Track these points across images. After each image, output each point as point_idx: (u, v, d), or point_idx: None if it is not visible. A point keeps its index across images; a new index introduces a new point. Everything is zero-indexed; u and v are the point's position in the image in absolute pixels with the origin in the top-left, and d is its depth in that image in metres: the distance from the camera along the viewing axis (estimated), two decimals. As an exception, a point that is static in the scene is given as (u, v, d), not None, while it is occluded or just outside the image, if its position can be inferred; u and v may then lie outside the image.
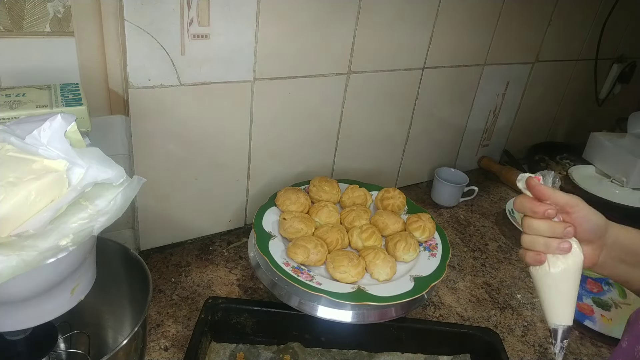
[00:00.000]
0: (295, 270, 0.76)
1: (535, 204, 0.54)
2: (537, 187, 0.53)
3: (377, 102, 1.07)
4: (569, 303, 0.53)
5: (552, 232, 0.53)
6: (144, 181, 0.51)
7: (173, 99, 0.80)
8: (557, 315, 0.53)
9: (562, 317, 0.53)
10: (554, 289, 0.53)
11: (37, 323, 0.50)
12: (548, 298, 0.54)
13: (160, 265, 0.91)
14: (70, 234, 0.44)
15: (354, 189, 0.97)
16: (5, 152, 0.47)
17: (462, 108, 1.27)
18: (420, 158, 1.27)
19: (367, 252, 0.80)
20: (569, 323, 0.53)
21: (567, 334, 0.53)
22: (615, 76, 1.57)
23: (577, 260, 0.53)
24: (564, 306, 0.53)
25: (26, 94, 0.60)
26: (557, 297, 0.53)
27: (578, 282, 0.53)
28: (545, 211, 0.52)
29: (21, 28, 0.66)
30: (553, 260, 0.53)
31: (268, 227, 0.85)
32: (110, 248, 0.69)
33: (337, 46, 0.94)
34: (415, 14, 1.01)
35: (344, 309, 0.73)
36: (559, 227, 0.52)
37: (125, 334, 0.72)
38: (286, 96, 0.93)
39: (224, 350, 0.75)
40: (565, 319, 0.53)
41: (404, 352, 0.79)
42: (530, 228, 0.54)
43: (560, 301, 0.53)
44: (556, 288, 0.53)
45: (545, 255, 0.53)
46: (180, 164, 0.87)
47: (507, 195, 1.31)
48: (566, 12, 1.30)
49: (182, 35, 0.76)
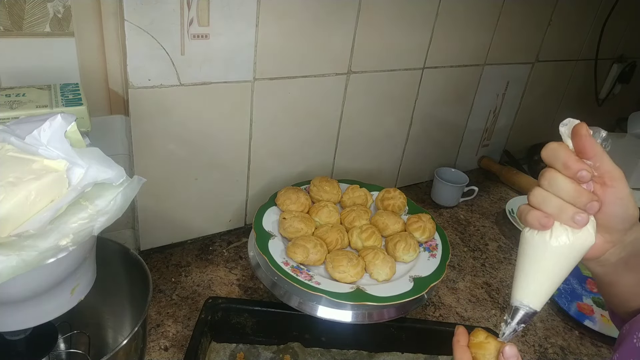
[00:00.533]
0: (294, 269, 0.76)
1: (572, 158, 0.42)
2: (586, 139, 0.42)
3: (377, 102, 1.07)
4: (549, 286, 0.44)
5: (574, 197, 0.42)
6: (144, 181, 0.51)
7: (173, 99, 0.80)
8: (529, 294, 0.44)
9: (533, 299, 0.44)
10: (542, 264, 0.44)
11: (37, 323, 0.50)
12: (529, 271, 0.44)
13: (160, 265, 0.91)
14: (70, 234, 0.44)
15: (354, 189, 0.97)
16: (5, 152, 0.47)
17: (462, 108, 1.27)
18: (420, 158, 1.27)
19: (367, 252, 0.80)
20: (537, 308, 0.44)
21: (529, 319, 0.45)
22: (615, 76, 1.57)
23: (585, 242, 0.43)
24: (542, 288, 0.44)
25: (26, 94, 0.60)
26: (540, 274, 0.44)
27: (572, 267, 0.44)
28: (580, 170, 0.41)
29: (21, 28, 0.66)
30: (558, 231, 0.43)
31: (268, 227, 0.85)
32: (110, 248, 0.69)
33: (337, 46, 0.94)
34: (415, 14, 1.01)
35: (344, 309, 0.73)
36: (585, 196, 0.42)
37: (125, 334, 0.72)
38: (286, 96, 0.93)
39: (224, 350, 0.75)
40: (535, 302, 0.44)
41: (404, 352, 0.79)
42: (551, 183, 0.43)
43: (540, 280, 0.44)
44: (546, 263, 0.43)
45: (553, 222, 0.43)
46: (180, 164, 0.87)
47: (507, 195, 1.31)
48: (566, 12, 1.30)
49: (182, 35, 0.76)
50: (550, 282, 0.44)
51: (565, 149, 0.43)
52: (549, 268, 0.44)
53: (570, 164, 0.42)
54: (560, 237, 0.43)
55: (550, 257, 0.43)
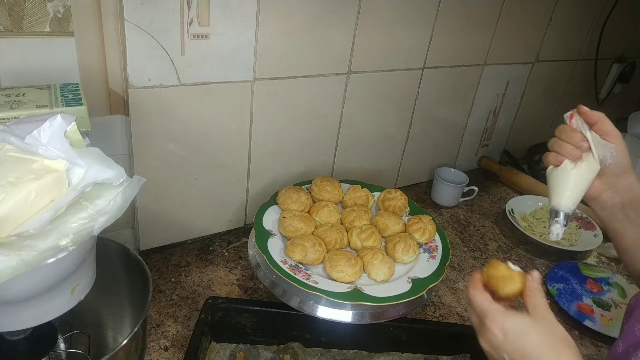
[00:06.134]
0: (292, 268, 0.76)
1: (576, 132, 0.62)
2: (588, 111, 0.62)
3: (377, 102, 1.07)
4: (571, 194, 0.61)
5: (571, 138, 0.62)
6: (144, 181, 0.51)
7: (173, 99, 0.80)
8: (558, 199, 0.62)
9: (562, 202, 0.62)
10: (562, 180, 0.62)
11: (37, 323, 0.50)
12: (555, 188, 0.63)
13: (160, 265, 0.91)
14: (70, 234, 0.44)
15: (356, 189, 0.97)
16: (5, 152, 0.47)
17: (462, 108, 1.27)
18: (420, 158, 1.27)
19: (365, 253, 0.80)
20: (567, 210, 0.61)
21: (564, 219, 0.61)
22: (615, 76, 1.57)
23: (591, 167, 0.61)
24: (566, 194, 0.62)
25: (26, 94, 0.60)
26: (562, 187, 0.62)
27: (586, 183, 0.62)
28: (581, 140, 0.61)
29: (21, 28, 0.66)
30: (569, 165, 0.62)
31: (268, 226, 0.85)
32: (110, 248, 0.69)
33: (337, 46, 0.94)
34: (415, 14, 1.01)
35: (344, 309, 0.73)
36: (577, 136, 0.62)
37: (125, 334, 0.72)
38: (286, 96, 0.93)
39: (224, 350, 0.75)
40: (564, 204, 0.61)
41: (404, 352, 0.79)
42: (559, 132, 0.64)
43: (563, 190, 0.62)
44: (564, 180, 0.62)
45: (564, 159, 0.62)
46: (180, 164, 0.87)
47: (507, 195, 1.31)
48: (566, 12, 1.30)
49: (182, 35, 0.76)
50: (571, 190, 0.62)
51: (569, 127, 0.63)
52: (567, 183, 0.62)
53: (566, 122, 0.64)
54: (570, 165, 0.62)
55: (567, 177, 0.62)
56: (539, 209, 1.21)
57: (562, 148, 0.63)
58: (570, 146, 0.62)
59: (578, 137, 0.62)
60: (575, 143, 0.62)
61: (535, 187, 1.29)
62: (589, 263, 1.07)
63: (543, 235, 1.11)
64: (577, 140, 0.62)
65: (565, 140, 0.63)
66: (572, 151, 0.62)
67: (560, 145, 0.63)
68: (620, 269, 1.08)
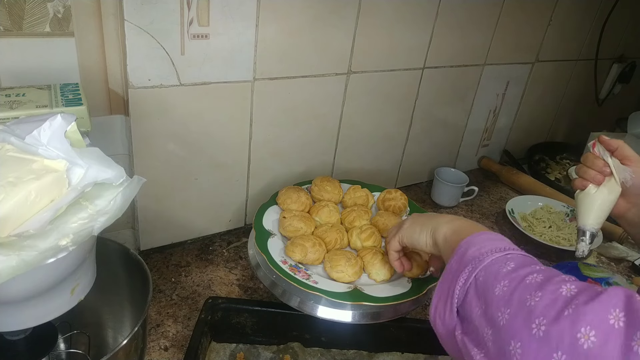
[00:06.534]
0: (292, 268, 0.76)
1: (598, 159, 0.69)
2: (608, 140, 0.69)
3: (377, 102, 1.07)
4: (596, 216, 0.68)
5: (594, 164, 0.69)
6: (144, 181, 0.51)
7: (173, 99, 0.80)
8: (584, 220, 0.69)
9: (588, 223, 0.68)
10: (587, 203, 0.69)
11: (37, 323, 0.50)
12: (581, 210, 0.69)
13: (160, 265, 0.91)
14: (70, 234, 0.44)
15: (356, 189, 0.97)
16: (5, 152, 0.47)
17: (462, 108, 1.27)
18: (420, 158, 1.27)
19: (365, 252, 0.80)
20: (592, 230, 0.68)
21: (589, 238, 0.68)
22: (615, 76, 1.57)
23: (614, 189, 0.67)
24: (592, 215, 0.68)
25: (26, 94, 0.60)
26: (587, 209, 0.69)
27: (609, 204, 0.68)
28: (603, 166, 0.68)
29: (21, 28, 0.66)
30: (593, 188, 0.69)
31: (268, 225, 0.85)
32: (110, 248, 0.69)
33: (337, 46, 0.94)
34: (415, 14, 1.01)
35: (344, 309, 0.73)
36: (600, 163, 0.68)
37: (125, 334, 0.72)
38: (286, 96, 0.93)
39: (224, 350, 0.75)
40: (589, 224, 0.68)
41: (404, 352, 0.79)
42: (584, 159, 0.71)
43: (588, 212, 0.69)
44: (590, 202, 0.68)
45: (588, 183, 0.69)
46: (180, 164, 0.87)
47: (507, 195, 1.31)
48: (566, 12, 1.30)
49: (182, 35, 0.76)
50: (595, 212, 0.68)
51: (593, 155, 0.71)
52: (591, 205, 0.69)
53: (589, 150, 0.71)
54: (593, 189, 0.69)
55: (591, 199, 0.69)
56: (538, 209, 1.21)
57: (587, 173, 0.69)
58: (593, 171, 0.69)
59: (600, 163, 0.68)
60: (598, 169, 0.68)
61: (535, 187, 1.29)
62: (589, 263, 1.07)
63: (543, 235, 1.11)
64: (600, 166, 0.68)
65: (589, 167, 0.69)
66: (596, 176, 0.68)
67: (585, 171, 0.70)
68: (620, 269, 1.08)
